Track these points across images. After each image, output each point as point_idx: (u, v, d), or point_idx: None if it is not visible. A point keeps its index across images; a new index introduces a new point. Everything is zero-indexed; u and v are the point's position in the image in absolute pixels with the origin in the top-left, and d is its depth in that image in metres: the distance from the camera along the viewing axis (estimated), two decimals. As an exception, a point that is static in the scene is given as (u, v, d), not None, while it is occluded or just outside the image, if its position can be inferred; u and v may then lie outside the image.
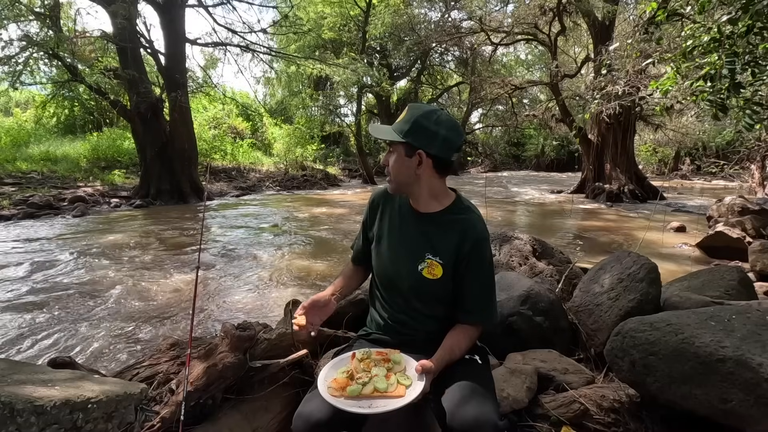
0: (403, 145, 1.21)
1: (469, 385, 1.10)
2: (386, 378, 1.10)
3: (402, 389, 1.07)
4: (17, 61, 9.17)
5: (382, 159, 1.29)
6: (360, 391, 1.06)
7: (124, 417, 1.30)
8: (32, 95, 18.17)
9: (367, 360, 1.16)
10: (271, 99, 24.29)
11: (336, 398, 1.05)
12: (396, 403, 1.03)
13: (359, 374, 1.11)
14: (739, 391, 1.18)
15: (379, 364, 1.14)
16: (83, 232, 6.74)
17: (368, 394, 1.06)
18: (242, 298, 3.85)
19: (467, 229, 1.24)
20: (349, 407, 1.02)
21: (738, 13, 2.42)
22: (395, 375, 1.11)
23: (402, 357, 1.17)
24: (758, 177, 10.69)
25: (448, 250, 1.23)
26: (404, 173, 1.23)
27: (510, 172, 27.36)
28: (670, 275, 3.41)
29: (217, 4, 11.75)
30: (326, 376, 1.13)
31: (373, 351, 1.19)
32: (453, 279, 1.25)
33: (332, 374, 1.13)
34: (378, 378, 1.09)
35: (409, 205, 1.33)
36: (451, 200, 1.30)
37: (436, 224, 1.27)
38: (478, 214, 1.29)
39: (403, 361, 1.16)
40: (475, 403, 1.03)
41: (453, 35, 16.39)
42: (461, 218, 1.26)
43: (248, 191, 13.23)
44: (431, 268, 1.24)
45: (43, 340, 2.97)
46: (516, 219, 9.07)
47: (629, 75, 8.42)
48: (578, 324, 2.03)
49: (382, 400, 1.05)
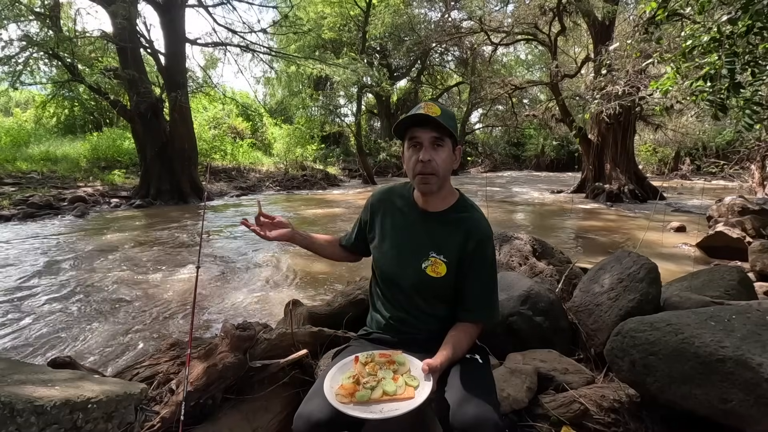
0: (452, 140, 1.21)
1: (470, 384, 1.10)
2: (394, 380, 1.09)
3: (411, 391, 1.06)
4: (17, 61, 9.16)
5: (422, 155, 1.18)
6: (369, 396, 1.05)
7: (124, 417, 1.30)
8: (32, 95, 18.20)
9: (372, 363, 1.14)
10: (271, 99, 24.29)
11: (345, 405, 1.03)
12: (407, 406, 1.01)
13: (365, 378, 1.09)
14: (739, 391, 1.18)
15: (385, 367, 1.13)
16: (83, 232, 6.74)
17: (378, 399, 1.05)
18: (242, 298, 3.85)
19: (472, 228, 1.25)
20: (361, 414, 1.00)
21: (738, 13, 2.42)
22: (402, 377, 1.10)
23: (406, 358, 1.17)
24: (758, 177, 10.68)
25: (453, 249, 1.24)
26: (449, 169, 1.23)
27: (510, 172, 27.34)
28: (670, 275, 3.41)
29: (217, 4, 11.76)
30: (332, 382, 1.11)
31: (376, 353, 1.18)
32: (456, 277, 1.25)
33: (338, 380, 1.12)
34: (386, 381, 1.08)
35: (413, 204, 1.33)
36: (455, 199, 1.31)
37: (440, 223, 1.27)
38: (481, 212, 1.30)
39: (407, 361, 1.16)
40: (476, 402, 1.03)
41: (453, 35, 16.39)
42: (465, 217, 1.27)
43: (248, 191, 13.22)
44: (435, 266, 1.24)
45: (43, 340, 2.97)
46: (516, 219, 9.07)
47: (629, 75, 8.42)
48: (578, 324, 2.03)
49: (392, 403, 1.04)
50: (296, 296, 3.24)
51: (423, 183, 1.21)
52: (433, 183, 1.21)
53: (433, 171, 1.19)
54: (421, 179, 1.20)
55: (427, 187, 1.22)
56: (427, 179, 1.20)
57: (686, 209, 9.74)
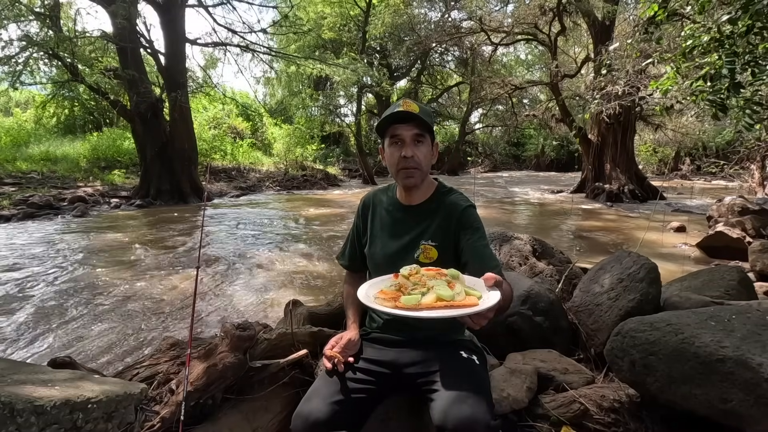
0: (431, 135, 1.27)
1: (464, 384, 1.09)
2: (450, 287, 0.92)
3: (473, 299, 0.89)
4: (17, 61, 9.15)
5: (405, 151, 1.23)
6: (419, 301, 0.87)
7: (124, 417, 1.30)
8: (32, 95, 18.18)
9: (418, 275, 0.96)
10: (271, 99, 24.28)
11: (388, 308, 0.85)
12: (470, 310, 0.85)
13: (413, 287, 0.92)
14: (739, 391, 1.18)
15: (436, 278, 0.95)
16: (83, 232, 6.74)
17: (430, 304, 0.86)
18: (242, 298, 3.85)
19: (452, 205, 1.29)
20: (426, 313, 0.84)
21: (738, 13, 2.42)
22: (460, 284, 0.94)
23: (459, 273, 0.99)
24: (758, 177, 10.68)
25: (440, 232, 1.27)
26: (429, 163, 1.29)
27: (510, 172, 27.34)
28: (670, 275, 3.41)
29: (217, 4, 11.75)
30: (367, 292, 0.95)
31: (423, 268, 1.01)
32: (454, 255, 1.26)
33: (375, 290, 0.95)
34: (440, 286, 0.91)
35: (396, 202, 1.37)
36: (434, 188, 1.36)
37: (425, 212, 1.32)
38: (458, 192, 1.36)
39: (461, 276, 0.99)
40: (469, 403, 1.03)
41: (453, 35, 16.38)
42: (444, 200, 1.32)
43: (248, 191, 13.22)
44: (426, 252, 1.27)
45: (43, 340, 2.97)
46: (516, 219, 9.06)
47: (629, 75, 8.41)
48: (578, 324, 2.03)
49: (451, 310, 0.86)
50: (296, 296, 3.24)
51: (407, 177, 1.26)
52: (417, 177, 1.26)
53: (416, 166, 1.25)
54: (405, 173, 1.26)
55: (410, 181, 1.27)
56: (411, 173, 1.25)
57: (686, 209, 9.73)
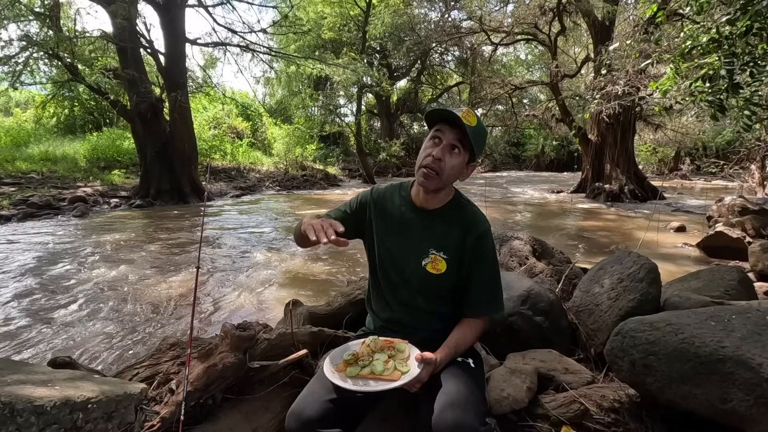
0: (470, 154, 1.22)
1: (456, 389, 1.09)
2: (385, 363, 1.14)
3: (397, 374, 1.11)
4: (17, 61, 9.15)
5: (436, 152, 1.17)
6: (358, 372, 1.13)
7: (124, 417, 1.30)
8: (32, 95, 18.19)
9: (373, 345, 1.21)
10: (270, 99, 24.30)
11: (334, 374, 1.12)
12: (386, 386, 1.08)
13: (363, 358, 1.17)
14: (739, 391, 1.18)
15: (382, 350, 1.20)
16: (83, 232, 6.74)
17: (365, 375, 1.12)
18: (242, 298, 3.85)
19: (471, 224, 1.25)
20: (345, 384, 1.08)
21: (737, 13, 2.42)
22: (394, 361, 1.16)
23: (407, 347, 1.21)
24: (758, 177, 10.68)
25: (452, 245, 1.24)
26: (455, 176, 1.24)
27: (510, 172, 27.34)
28: (670, 275, 3.41)
29: (217, 4, 11.75)
30: (333, 358, 1.20)
31: (381, 339, 1.23)
32: (458, 273, 1.25)
33: (339, 358, 1.21)
34: (377, 362, 1.15)
35: (410, 202, 1.32)
36: (451, 196, 1.31)
37: (438, 220, 1.28)
38: (476, 207, 1.32)
39: (407, 350, 1.20)
40: (460, 408, 1.03)
41: (453, 35, 16.40)
42: (463, 213, 1.28)
43: (248, 191, 13.21)
44: (435, 263, 1.24)
45: (43, 340, 2.97)
46: (516, 219, 9.06)
47: (629, 75, 8.42)
48: (578, 324, 2.03)
49: (376, 381, 1.10)
50: (296, 296, 3.24)
51: (423, 177, 1.21)
52: (432, 181, 1.20)
53: (438, 171, 1.18)
54: (424, 173, 1.20)
55: (425, 182, 1.21)
56: (428, 174, 1.19)
57: (686, 209, 9.74)
